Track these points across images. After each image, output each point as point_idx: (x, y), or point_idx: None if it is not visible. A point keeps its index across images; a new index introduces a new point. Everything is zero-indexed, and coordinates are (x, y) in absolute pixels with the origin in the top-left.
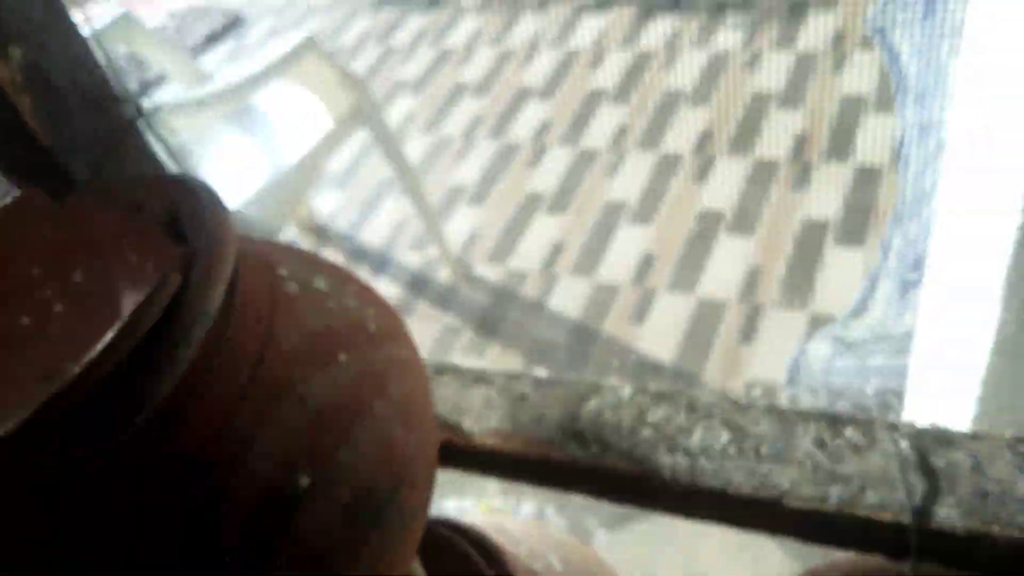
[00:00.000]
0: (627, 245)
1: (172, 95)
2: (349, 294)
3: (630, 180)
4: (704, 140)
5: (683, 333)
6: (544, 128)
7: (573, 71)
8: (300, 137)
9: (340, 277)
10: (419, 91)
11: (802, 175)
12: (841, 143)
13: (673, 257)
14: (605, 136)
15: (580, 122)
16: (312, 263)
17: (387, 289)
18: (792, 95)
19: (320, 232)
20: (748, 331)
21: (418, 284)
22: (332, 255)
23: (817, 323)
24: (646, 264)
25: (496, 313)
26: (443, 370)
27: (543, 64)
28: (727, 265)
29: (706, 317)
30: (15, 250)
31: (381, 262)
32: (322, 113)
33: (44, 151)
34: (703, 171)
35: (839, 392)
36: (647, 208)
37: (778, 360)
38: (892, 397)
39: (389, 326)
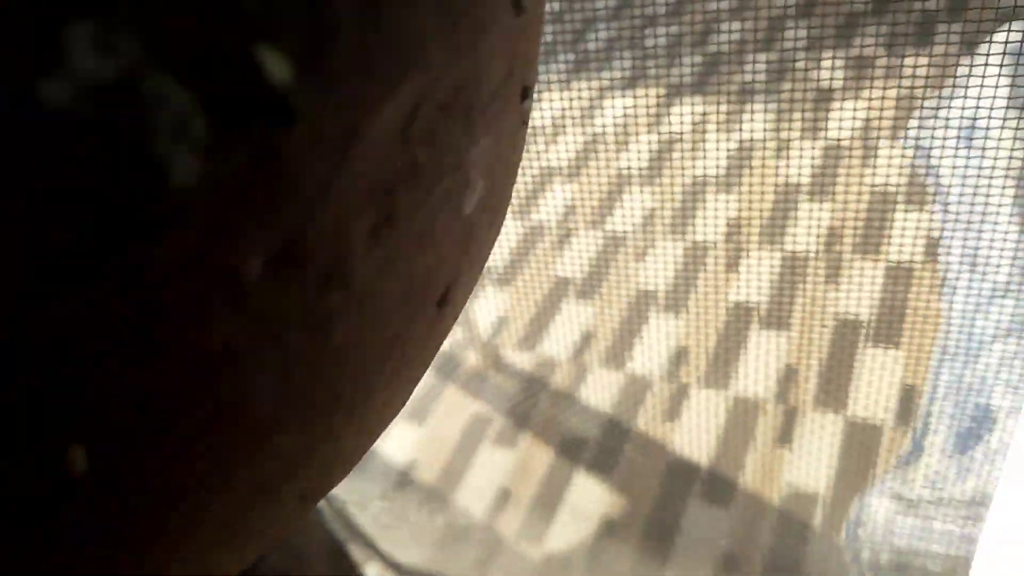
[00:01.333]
0: (659, 337)
1: None
2: None
3: (659, 267)
4: (733, 229)
5: (718, 433)
6: (569, 210)
7: (599, 153)
8: None
9: None
10: None
11: (833, 270)
12: (872, 238)
13: (705, 352)
14: (633, 220)
15: (606, 205)
16: None
17: None
18: (820, 186)
19: None
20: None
21: (446, 369)
22: None
23: (854, 427)
24: (678, 358)
25: (526, 403)
26: None
27: (568, 144)
28: (761, 362)
29: (741, 417)
30: None
31: None
32: None
33: None
34: (733, 261)
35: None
36: (678, 298)
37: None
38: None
39: None
